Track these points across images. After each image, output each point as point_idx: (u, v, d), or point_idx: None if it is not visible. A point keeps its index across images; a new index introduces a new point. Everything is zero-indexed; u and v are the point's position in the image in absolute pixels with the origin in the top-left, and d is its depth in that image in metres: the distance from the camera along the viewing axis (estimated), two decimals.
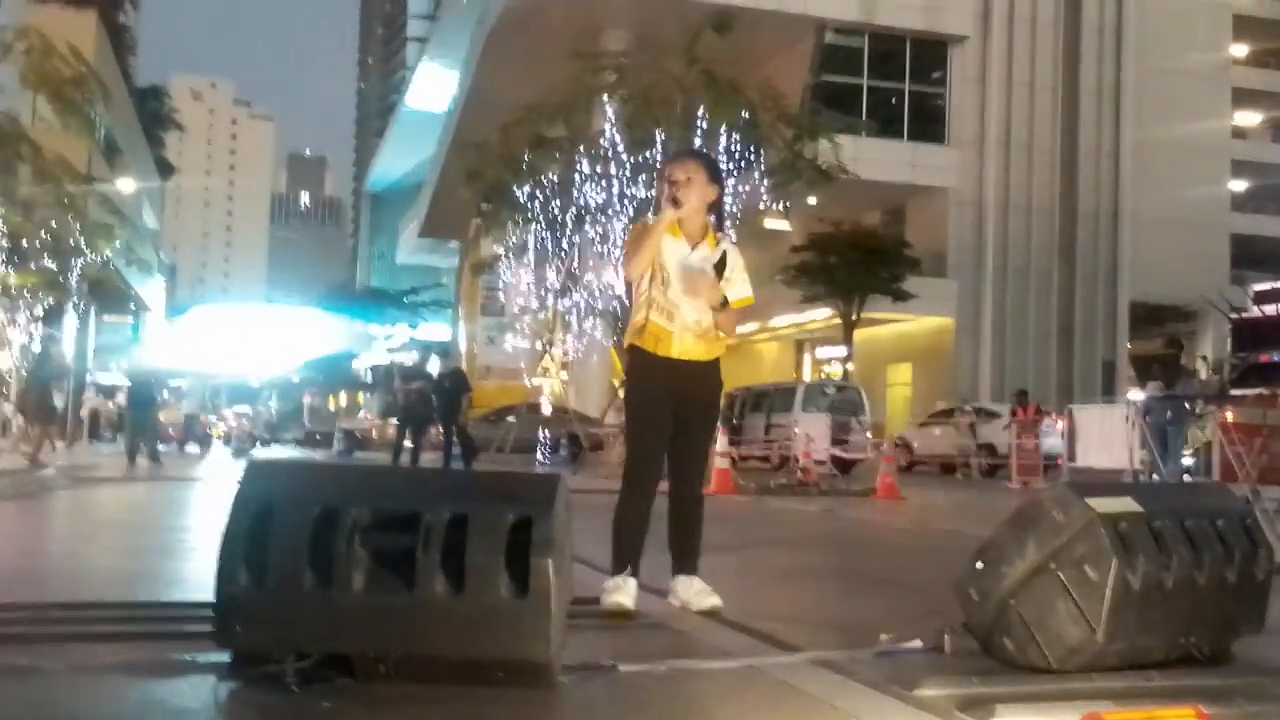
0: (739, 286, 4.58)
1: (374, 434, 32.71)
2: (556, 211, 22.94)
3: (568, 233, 23.16)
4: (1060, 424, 17.06)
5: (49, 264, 24.29)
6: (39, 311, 25.64)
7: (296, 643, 2.86)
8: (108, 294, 35.51)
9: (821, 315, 34.29)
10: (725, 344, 4.63)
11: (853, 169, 24.66)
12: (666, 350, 4.45)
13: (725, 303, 4.46)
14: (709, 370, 4.56)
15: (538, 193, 22.87)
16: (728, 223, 19.74)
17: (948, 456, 23.63)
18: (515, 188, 23.11)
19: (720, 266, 4.48)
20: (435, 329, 58.35)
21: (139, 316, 45.47)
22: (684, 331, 4.45)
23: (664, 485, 4.54)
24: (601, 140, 21.09)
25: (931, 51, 38.40)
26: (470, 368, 40.00)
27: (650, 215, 4.40)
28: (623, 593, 4.26)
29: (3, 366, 21.98)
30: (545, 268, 24.32)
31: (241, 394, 37.14)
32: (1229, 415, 10.67)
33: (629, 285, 4.66)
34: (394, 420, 19.74)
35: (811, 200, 25.09)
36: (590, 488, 9.32)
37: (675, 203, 4.43)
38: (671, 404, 4.47)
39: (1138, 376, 13.76)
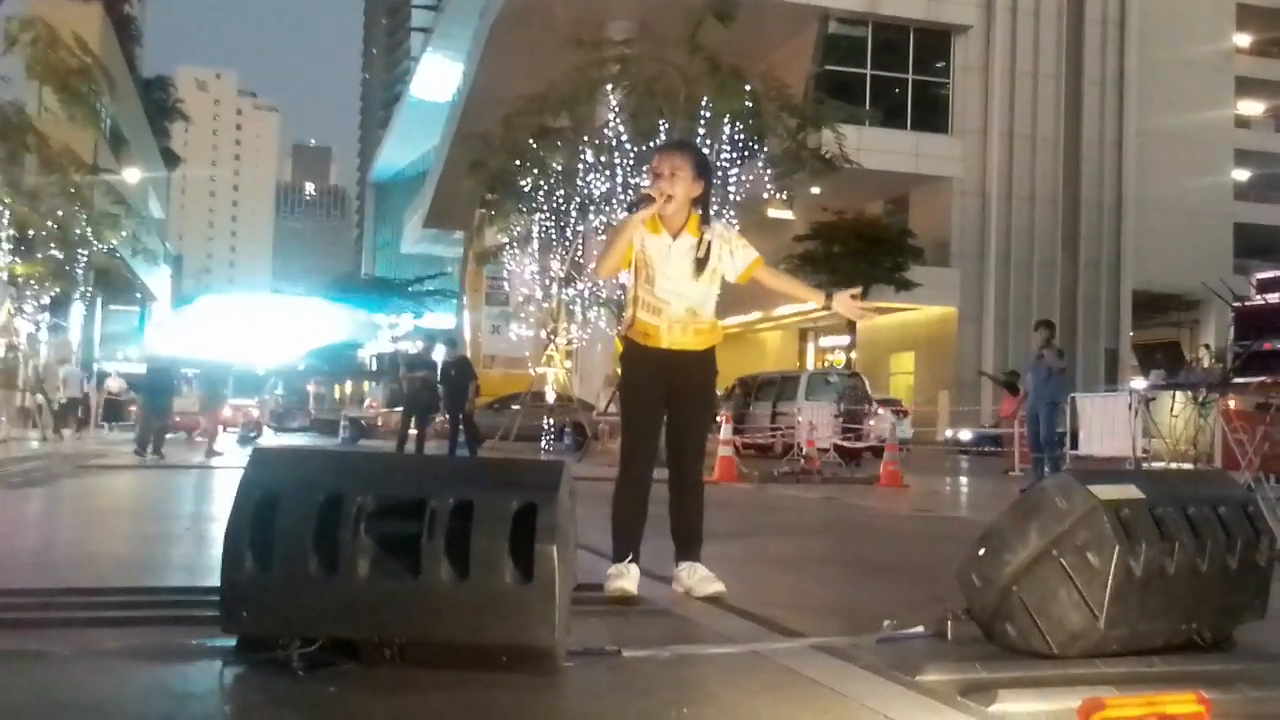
0: (742, 255, 4.54)
1: (379, 422, 32.72)
2: (560, 201, 22.94)
3: (571, 222, 23.15)
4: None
5: (56, 254, 24.34)
6: (45, 301, 25.71)
7: (302, 628, 2.88)
8: (114, 284, 35.64)
9: None
10: (720, 334, 4.60)
11: (856, 159, 24.65)
12: (655, 343, 4.44)
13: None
14: (702, 359, 4.53)
15: (542, 183, 22.86)
16: (731, 212, 19.64)
17: None
18: (519, 178, 23.10)
19: (705, 259, 4.43)
20: (440, 318, 58.42)
21: (145, 306, 45.63)
22: (672, 325, 4.43)
23: (666, 474, 4.56)
24: (605, 130, 21.07)
25: (935, 41, 38.37)
26: (475, 356, 40.02)
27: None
28: (626, 579, 4.28)
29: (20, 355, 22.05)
30: (549, 257, 24.30)
31: (247, 383, 37.14)
32: (1231, 403, 10.66)
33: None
34: (399, 409, 19.72)
35: (815, 190, 25.09)
36: (594, 475, 9.33)
37: (640, 204, 4.34)
38: (663, 390, 4.46)
39: (1140, 365, 13.67)
